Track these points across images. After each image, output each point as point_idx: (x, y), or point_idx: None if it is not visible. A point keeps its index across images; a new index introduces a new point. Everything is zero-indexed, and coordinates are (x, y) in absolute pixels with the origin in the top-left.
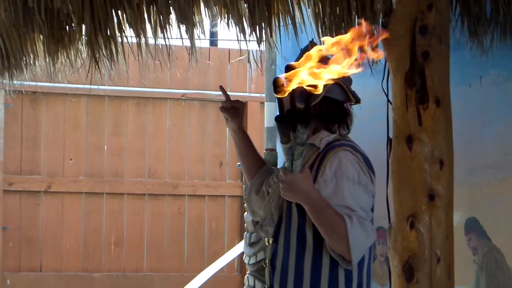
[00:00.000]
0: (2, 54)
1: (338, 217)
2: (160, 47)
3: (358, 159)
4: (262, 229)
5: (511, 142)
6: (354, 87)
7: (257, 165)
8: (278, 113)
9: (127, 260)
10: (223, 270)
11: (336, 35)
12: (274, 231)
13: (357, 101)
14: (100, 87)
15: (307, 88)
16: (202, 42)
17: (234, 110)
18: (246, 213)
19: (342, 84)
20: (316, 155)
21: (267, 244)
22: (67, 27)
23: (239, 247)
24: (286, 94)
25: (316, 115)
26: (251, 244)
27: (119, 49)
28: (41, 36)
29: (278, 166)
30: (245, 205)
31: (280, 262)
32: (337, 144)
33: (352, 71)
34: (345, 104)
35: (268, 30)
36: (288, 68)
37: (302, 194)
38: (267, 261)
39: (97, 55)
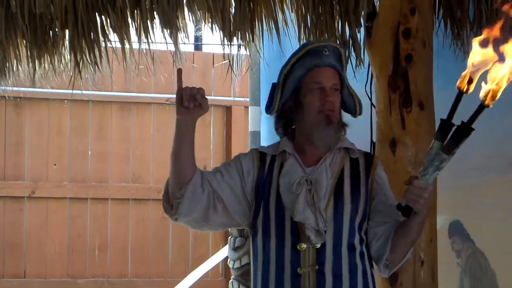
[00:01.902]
0: None
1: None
2: (144, 51)
3: None
4: (319, 234)
5: (494, 145)
6: None
7: (192, 167)
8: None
9: (111, 265)
10: (208, 274)
11: (319, 39)
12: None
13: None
14: (84, 92)
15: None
16: (186, 46)
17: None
18: None
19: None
20: (349, 160)
21: (305, 249)
22: (50, 32)
23: (224, 252)
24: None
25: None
26: (235, 249)
27: (103, 53)
28: (24, 41)
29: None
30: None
31: (331, 268)
32: (364, 151)
33: None
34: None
35: (252, 34)
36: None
37: (428, 208)
38: (309, 269)
39: (81, 60)
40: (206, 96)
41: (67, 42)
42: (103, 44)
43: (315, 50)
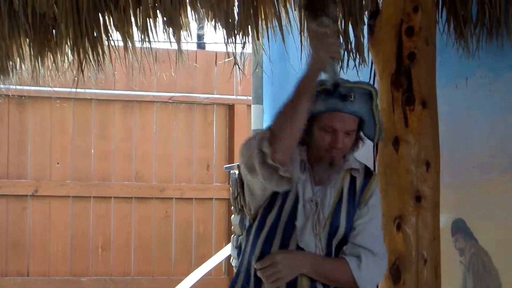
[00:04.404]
0: None
1: (342, 267)
2: (147, 50)
3: None
4: None
5: (497, 143)
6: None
7: None
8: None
9: (114, 264)
10: (211, 273)
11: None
12: None
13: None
14: (87, 90)
15: None
16: (189, 45)
17: None
18: (233, 215)
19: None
20: (349, 177)
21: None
22: (53, 30)
23: (227, 250)
24: None
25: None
26: (238, 247)
27: (106, 52)
28: (27, 40)
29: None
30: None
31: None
32: (365, 168)
33: None
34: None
35: (255, 33)
36: None
37: (299, 267)
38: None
39: (84, 59)
40: (208, 95)
41: (70, 41)
42: (105, 43)
43: (342, 92)
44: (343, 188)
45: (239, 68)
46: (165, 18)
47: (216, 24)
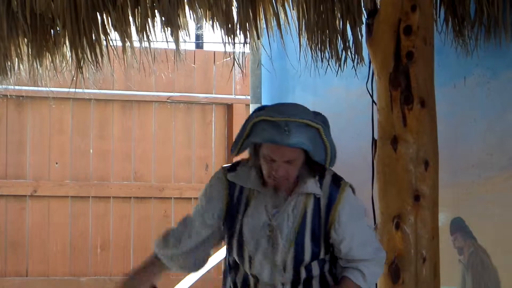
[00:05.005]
0: None
1: (349, 286)
2: (145, 50)
3: (352, 189)
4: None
5: (496, 142)
6: (338, 88)
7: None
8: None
9: (113, 263)
10: (210, 271)
11: (320, 37)
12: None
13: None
14: (85, 90)
15: None
16: (187, 44)
17: None
18: None
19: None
20: (313, 199)
21: None
22: (51, 30)
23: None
24: None
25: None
26: None
27: (104, 52)
28: (26, 40)
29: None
30: None
31: None
32: (332, 181)
33: None
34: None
35: (254, 32)
36: None
37: None
38: None
39: (82, 59)
40: (207, 95)
41: (68, 41)
42: (104, 42)
43: (277, 124)
44: (306, 211)
45: (239, 65)
46: (163, 18)
47: (214, 23)
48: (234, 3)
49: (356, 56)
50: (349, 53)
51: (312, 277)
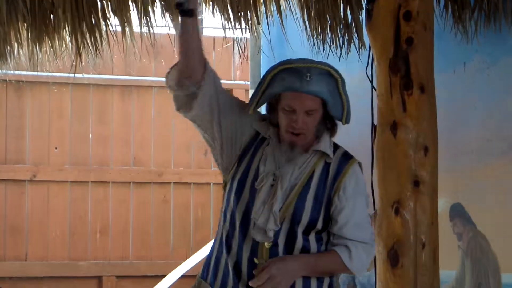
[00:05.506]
0: None
1: (334, 260)
2: (145, 35)
3: (361, 167)
4: (265, 234)
5: (495, 127)
6: None
7: (200, 63)
8: None
9: (112, 248)
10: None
11: (321, 22)
12: (275, 236)
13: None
14: (85, 75)
15: None
16: None
17: None
18: None
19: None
20: (323, 164)
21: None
22: (51, 15)
23: None
24: None
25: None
26: None
27: (104, 37)
28: (25, 25)
29: None
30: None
31: None
32: (344, 153)
33: None
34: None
35: (254, 17)
36: None
37: (295, 273)
38: (263, 260)
39: (82, 44)
40: None
41: (68, 26)
42: (103, 27)
43: (298, 70)
44: (314, 172)
45: (240, 50)
46: (163, 3)
47: (214, 9)
48: None
49: (358, 42)
50: (348, 38)
51: (308, 251)
